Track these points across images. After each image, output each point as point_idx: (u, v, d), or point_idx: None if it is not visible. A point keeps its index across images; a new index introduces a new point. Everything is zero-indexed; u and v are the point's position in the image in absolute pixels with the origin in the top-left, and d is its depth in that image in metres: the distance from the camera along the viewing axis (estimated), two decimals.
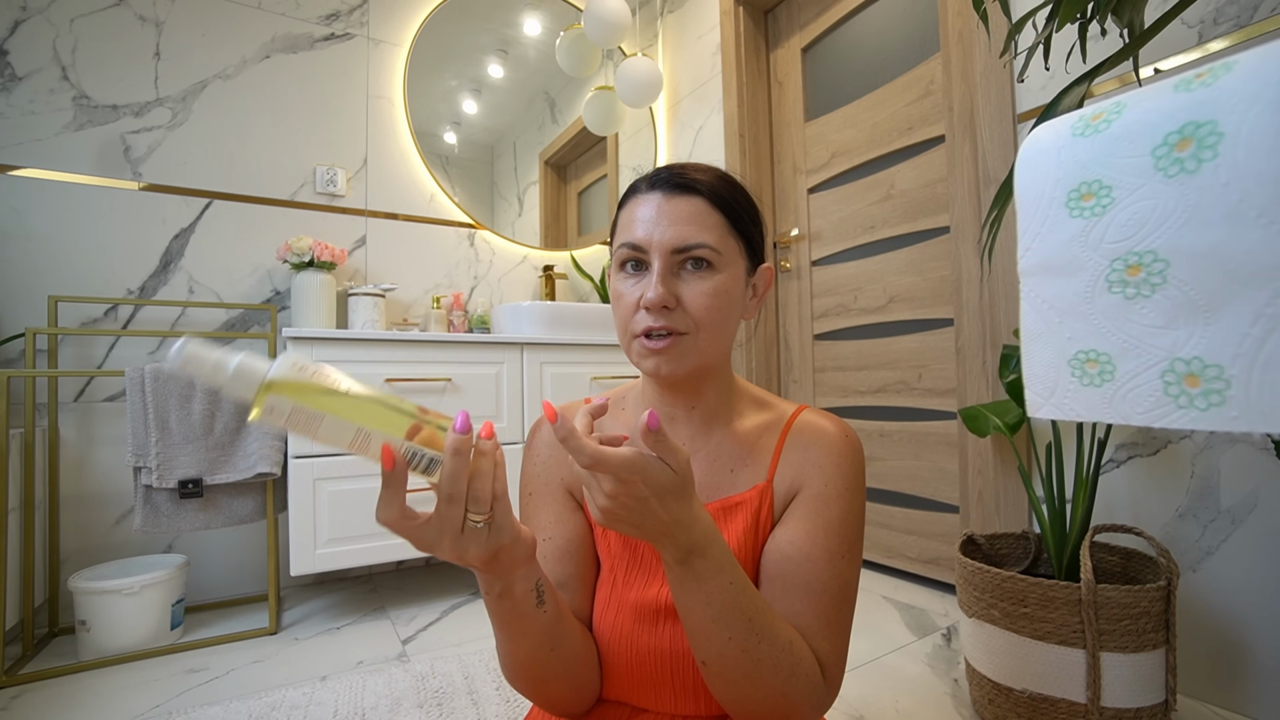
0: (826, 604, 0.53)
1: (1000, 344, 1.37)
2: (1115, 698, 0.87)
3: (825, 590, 0.53)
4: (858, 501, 0.57)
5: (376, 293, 1.79)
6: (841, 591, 0.54)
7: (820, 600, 0.53)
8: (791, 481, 0.57)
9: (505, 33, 2.26)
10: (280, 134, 1.84)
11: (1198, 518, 1.07)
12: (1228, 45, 1.04)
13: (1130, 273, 0.54)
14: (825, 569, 0.53)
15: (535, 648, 0.49)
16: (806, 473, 0.57)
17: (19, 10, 1.54)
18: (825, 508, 0.55)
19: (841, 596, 0.54)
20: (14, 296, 1.50)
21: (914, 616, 1.46)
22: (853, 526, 0.56)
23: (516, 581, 0.45)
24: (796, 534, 0.55)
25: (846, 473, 0.56)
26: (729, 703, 0.49)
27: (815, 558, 0.53)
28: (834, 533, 0.54)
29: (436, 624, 1.49)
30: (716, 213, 0.55)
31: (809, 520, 0.55)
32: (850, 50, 1.91)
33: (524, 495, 0.64)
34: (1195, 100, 0.50)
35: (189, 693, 1.18)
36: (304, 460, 1.45)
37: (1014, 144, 1.35)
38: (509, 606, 0.46)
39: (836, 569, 0.54)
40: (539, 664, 0.50)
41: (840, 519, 0.55)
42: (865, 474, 0.59)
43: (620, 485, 0.41)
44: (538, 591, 0.47)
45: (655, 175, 0.56)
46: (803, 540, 0.54)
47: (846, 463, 0.57)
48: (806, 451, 0.57)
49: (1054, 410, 0.62)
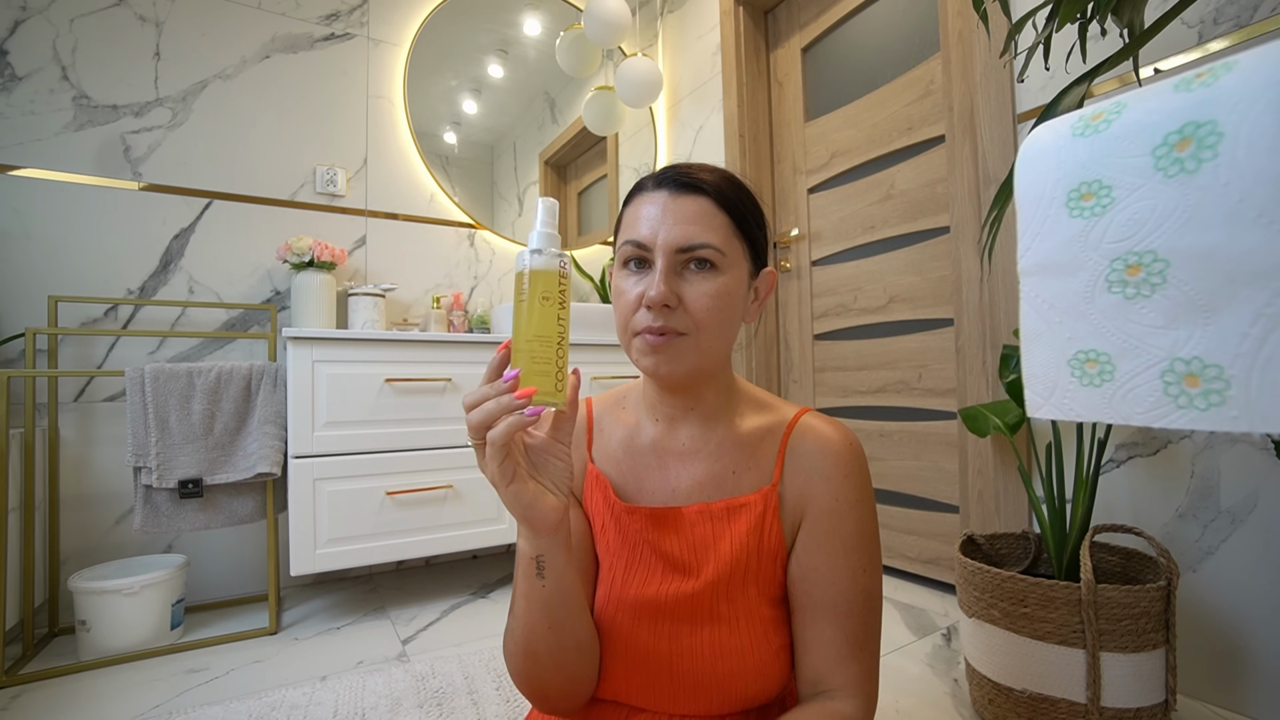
0: (855, 624, 0.54)
1: (1000, 344, 1.37)
2: (1115, 698, 0.87)
3: (852, 610, 0.54)
4: (869, 510, 0.57)
5: (376, 293, 1.79)
6: (867, 605, 0.55)
7: (848, 621, 0.54)
8: (800, 492, 0.57)
9: (505, 33, 2.26)
10: (280, 134, 1.84)
11: (1198, 518, 1.07)
12: (1228, 45, 1.04)
13: (1130, 273, 0.54)
14: (849, 587, 0.55)
15: (535, 619, 0.51)
16: (815, 486, 0.57)
17: (19, 10, 1.54)
18: (840, 524, 0.56)
19: (867, 610, 0.55)
20: (14, 296, 1.50)
21: (914, 616, 1.46)
22: (869, 537, 0.56)
23: (523, 539, 0.49)
24: (817, 559, 0.56)
25: (855, 483, 0.57)
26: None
27: (838, 580, 0.55)
28: (853, 549, 0.55)
29: (436, 624, 1.49)
30: (722, 214, 0.54)
31: (827, 542, 0.55)
32: (850, 50, 1.91)
33: None
34: (1195, 100, 0.49)
35: (189, 693, 1.18)
36: (304, 460, 1.45)
37: (1014, 144, 1.35)
38: (518, 564, 0.50)
39: (860, 584, 0.55)
40: (535, 638, 0.51)
41: (856, 532, 0.56)
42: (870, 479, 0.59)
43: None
44: (538, 564, 0.49)
45: (661, 174, 0.56)
46: (824, 564, 0.55)
47: (854, 472, 0.57)
48: (812, 461, 0.57)
49: (1054, 410, 0.62)
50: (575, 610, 0.52)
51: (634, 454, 0.62)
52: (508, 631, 0.54)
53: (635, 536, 0.59)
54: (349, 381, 1.51)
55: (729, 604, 0.56)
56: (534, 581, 0.49)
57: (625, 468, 0.62)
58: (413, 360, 1.60)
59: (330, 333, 1.49)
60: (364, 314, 1.76)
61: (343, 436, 1.50)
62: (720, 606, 0.56)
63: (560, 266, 0.46)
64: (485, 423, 0.44)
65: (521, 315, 0.45)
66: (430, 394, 1.62)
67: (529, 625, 0.51)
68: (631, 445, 0.62)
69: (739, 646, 0.55)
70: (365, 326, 1.76)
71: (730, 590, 0.56)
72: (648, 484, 0.61)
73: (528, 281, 0.45)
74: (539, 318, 0.45)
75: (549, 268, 0.46)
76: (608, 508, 0.61)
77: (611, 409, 0.66)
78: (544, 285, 0.45)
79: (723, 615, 0.56)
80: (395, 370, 1.57)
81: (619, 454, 0.63)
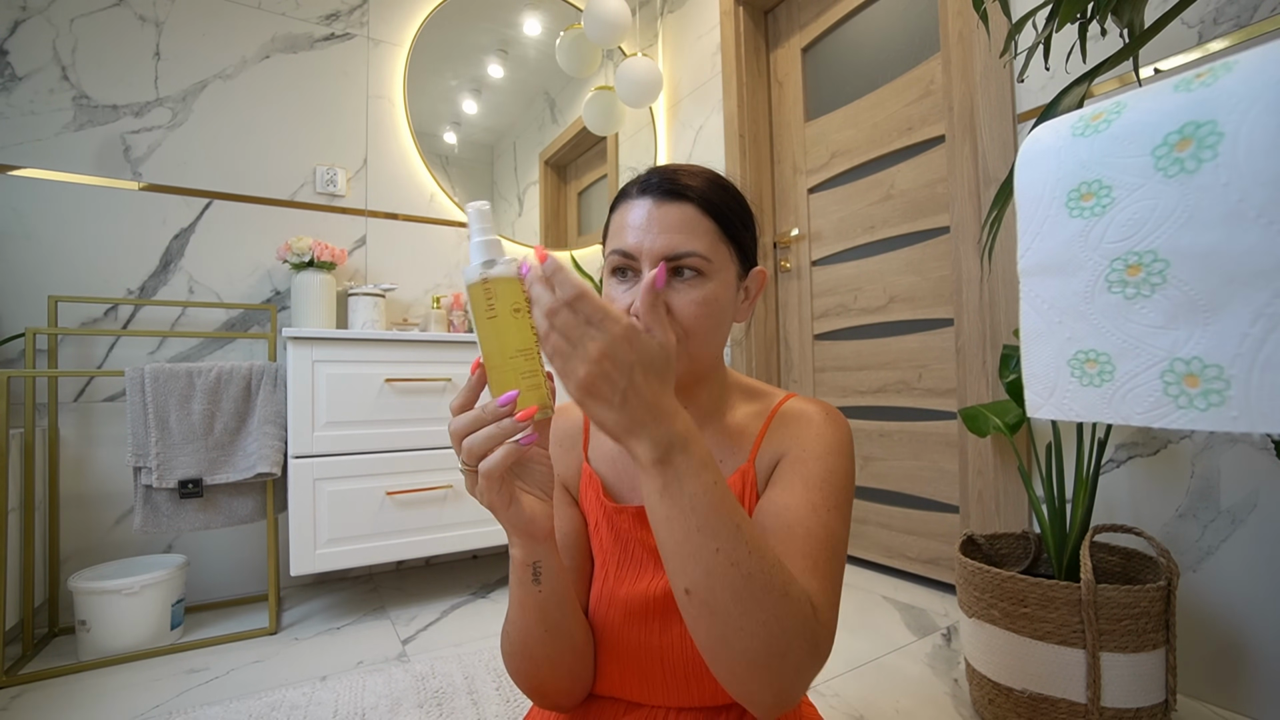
0: (812, 546, 0.49)
1: (1000, 344, 1.37)
2: (1115, 698, 0.87)
3: (809, 534, 0.49)
4: (841, 463, 0.54)
5: (376, 293, 1.79)
6: (827, 537, 0.50)
7: (805, 543, 0.49)
8: (773, 458, 0.57)
9: (505, 33, 2.26)
10: (280, 134, 1.84)
11: (1198, 518, 1.07)
12: (1228, 45, 1.04)
13: (1130, 273, 0.54)
14: (808, 515, 0.50)
15: (530, 624, 0.51)
16: (786, 445, 0.56)
17: (19, 10, 1.54)
18: (803, 467, 0.54)
19: (827, 540, 0.50)
20: (14, 296, 1.50)
21: (914, 616, 1.46)
22: (835, 485, 0.53)
23: (517, 548, 0.48)
24: (775, 492, 0.53)
25: (827, 437, 0.55)
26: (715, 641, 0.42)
27: (794, 505, 0.51)
28: (814, 486, 0.52)
29: (436, 624, 1.49)
30: (707, 219, 0.54)
31: (786, 479, 0.54)
32: (850, 50, 1.91)
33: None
34: (1195, 100, 0.49)
35: (189, 693, 1.18)
36: (304, 460, 1.45)
37: (1014, 144, 1.35)
38: (512, 570, 0.49)
39: (820, 517, 0.51)
40: (532, 641, 0.51)
41: (821, 476, 0.53)
42: (852, 446, 0.57)
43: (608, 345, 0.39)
44: (534, 570, 0.48)
45: (646, 180, 0.56)
46: (781, 495, 0.52)
47: (827, 431, 0.56)
48: (789, 429, 0.57)
49: (1054, 410, 0.62)
50: (570, 612, 0.53)
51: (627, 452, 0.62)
52: (504, 633, 0.54)
53: (626, 535, 0.59)
54: (349, 381, 1.51)
55: None
56: (529, 588, 0.49)
57: (620, 466, 0.62)
58: (413, 360, 1.60)
59: (330, 333, 1.49)
60: (364, 314, 1.76)
61: (343, 436, 1.50)
62: None
63: (519, 272, 0.43)
64: (482, 451, 0.42)
65: (497, 332, 0.43)
66: (430, 394, 1.62)
67: (525, 629, 0.51)
68: None
69: None
70: (365, 326, 1.76)
71: None
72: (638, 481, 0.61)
73: (495, 296, 0.43)
74: (516, 331, 0.43)
75: (510, 275, 0.43)
76: (600, 507, 0.61)
77: None
78: (512, 296, 0.43)
79: None
80: (395, 370, 1.57)
81: (614, 453, 0.63)
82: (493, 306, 0.43)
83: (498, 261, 0.44)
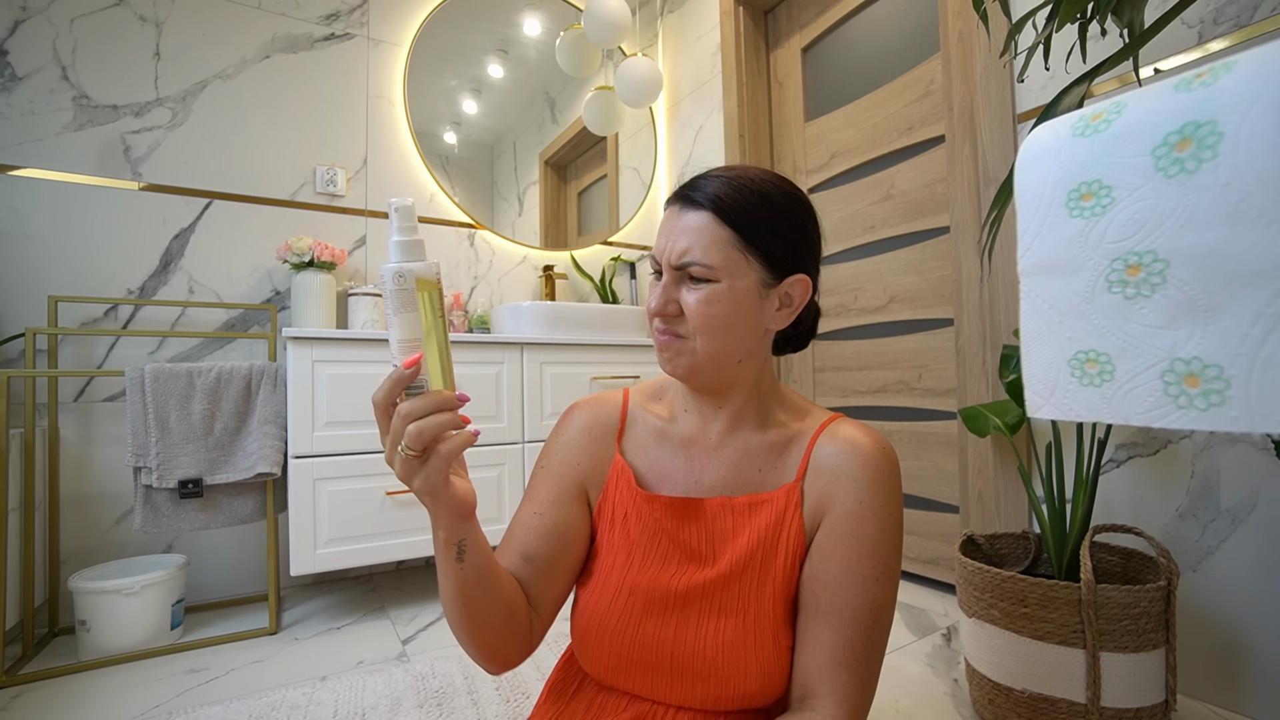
0: (856, 632, 0.53)
1: (1000, 344, 1.37)
2: (1115, 698, 0.87)
3: (855, 617, 0.53)
4: (894, 518, 0.56)
5: (377, 293, 1.78)
6: (873, 616, 0.54)
7: (849, 629, 0.53)
8: (824, 491, 0.58)
9: (505, 33, 2.26)
10: (280, 134, 1.84)
11: (1198, 518, 1.07)
12: (1228, 45, 1.04)
13: (1130, 273, 0.54)
14: (857, 594, 0.54)
15: (452, 596, 0.52)
16: (839, 486, 0.57)
17: (19, 10, 1.54)
18: (859, 528, 0.55)
19: (872, 621, 0.54)
20: (14, 296, 1.50)
21: (914, 616, 1.46)
22: (888, 547, 0.56)
23: (442, 529, 0.49)
24: (830, 559, 0.55)
25: (882, 489, 0.56)
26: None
27: (847, 583, 0.54)
28: (868, 555, 0.55)
29: (436, 624, 1.49)
30: (722, 227, 0.55)
31: (842, 544, 0.55)
32: (850, 50, 1.91)
33: (537, 466, 0.67)
34: (1195, 100, 0.49)
35: (189, 693, 1.18)
36: (304, 460, 1.45)
37: (1014, 144, 1.35)
38: (437, 548, 0.51)
39: (869, 593, 0.54)
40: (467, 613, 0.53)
41: (875, 539, 0.55)
42: (901, 481, 0.59)
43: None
44: (459, 548, 0.50)
45: (679, 187, 0.60)
46: (835, 566, 0.55)
47: (883, 477, 0.57)
48: (840, 460, 0.58)
49: (1054, 410, 0.62)
50: (497, 580, 0.54)
51: (664, 444, 0.64)
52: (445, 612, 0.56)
53: (655, 525, 0.60)
54: (349, 381, 1.51)
55: (741, 597, 0.57)
56: (454, 565, 0.50)
57: (653, 457, 0.64)
58: None
59: (330, 333, 1.49)
60: (364, 314, 1.76)
61: (343, 436, 1.50)
62: (731, 598, 0.57)
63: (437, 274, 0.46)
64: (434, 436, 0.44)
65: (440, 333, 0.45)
66: None
67: (459, 603, 0.52)
68: (663, 436, 0.65)
69: (743, 640, 0.55)
70: (365, 326, 1.76)
71: (744, 583, 0.57)
72: (673, 474, 0.63)
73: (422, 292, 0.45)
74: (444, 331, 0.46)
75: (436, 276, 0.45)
76: (631, 497, 0.62)
77: (646, 401, 0.68)
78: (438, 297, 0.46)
79: (732, 608, 0.56)
80: None
81: (649, 444, 0.65)
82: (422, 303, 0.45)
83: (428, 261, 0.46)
